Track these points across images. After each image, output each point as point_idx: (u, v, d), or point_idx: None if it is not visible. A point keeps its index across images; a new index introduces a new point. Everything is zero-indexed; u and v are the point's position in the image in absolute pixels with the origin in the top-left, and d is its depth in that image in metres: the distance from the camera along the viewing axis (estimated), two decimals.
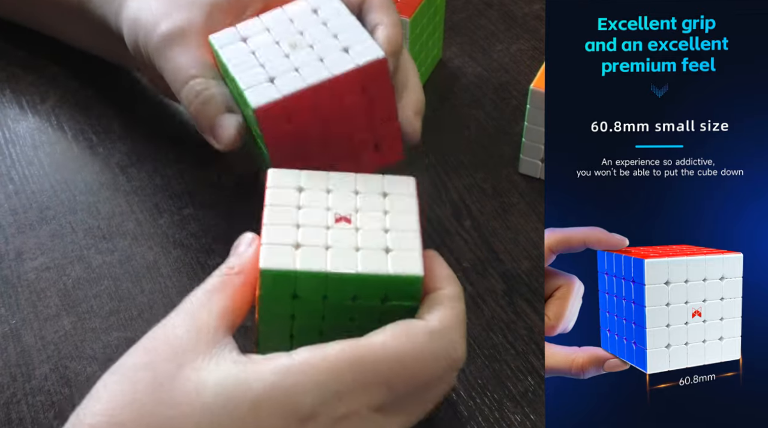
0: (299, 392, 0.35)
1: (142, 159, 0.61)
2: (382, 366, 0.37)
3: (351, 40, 0.46)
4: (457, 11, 0.75)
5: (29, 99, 0.65)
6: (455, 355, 0.39)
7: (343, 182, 0.43)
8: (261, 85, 0.45)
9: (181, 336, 0.37)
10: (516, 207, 0.59)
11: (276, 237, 0.40)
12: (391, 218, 0.42)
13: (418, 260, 0.40)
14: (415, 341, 0.37)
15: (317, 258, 0.39)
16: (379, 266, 0.39)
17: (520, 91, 0.67)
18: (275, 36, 0.47)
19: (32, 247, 0.55)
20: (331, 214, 0.41)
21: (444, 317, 0.39)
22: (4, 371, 0.49)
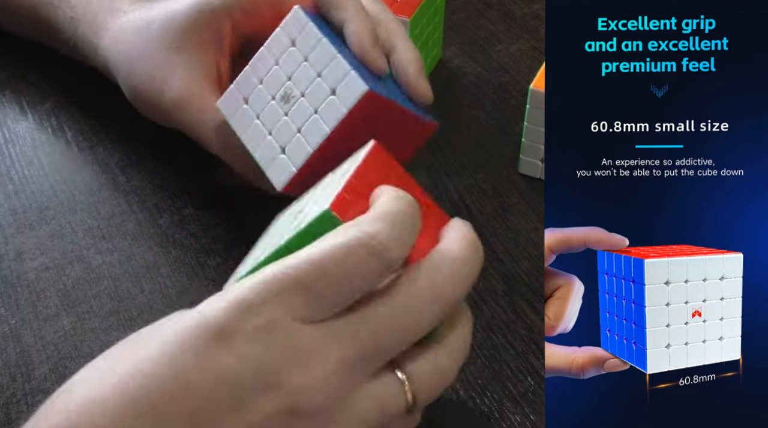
0: (212, 311, 0.35)
1: (141, 159, 0.61)
2: (290, 270, 0.35)
3: (333, 78, 0.47)
4: (457, 11, 0.75)
5: (29, 99, 0.65)
6: (375, 244, 0.35)
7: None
8: (276, 161, 0.48)
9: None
10: (516, 207, 0.59)
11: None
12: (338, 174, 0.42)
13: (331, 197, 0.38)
14: (327, 240, 0.35)
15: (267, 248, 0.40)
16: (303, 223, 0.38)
17: (520, 91, 0.67)
18: (269, 89, 0.49)
19: (32, 247, 0.55)
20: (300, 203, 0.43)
21: (362, 217, 0.36)
22: (3, 371, 0.49)
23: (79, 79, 0.66)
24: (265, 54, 0.49)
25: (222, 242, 0.56)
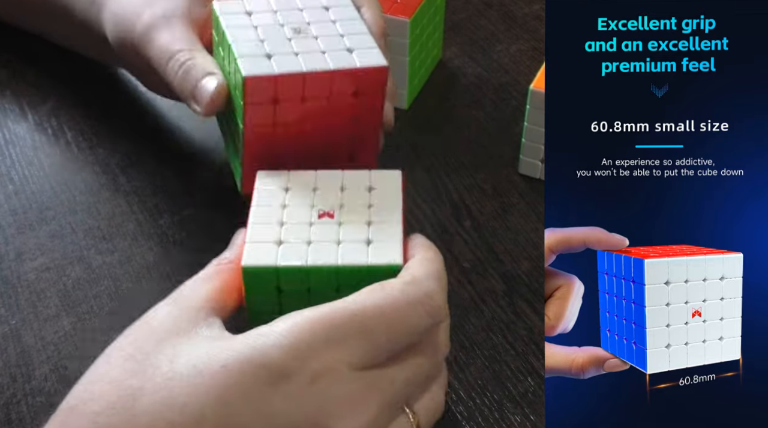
0: (269, 350, 0.34)
1: (142, 160, 0.61)
2: (355, 317, 0.36)
3: (357, 43, 0.46)
4: (457, 11, 0.75)
5: (29, 100, 0.65)
6: (432, 303, 0.38)
7: (330, 178, 0.43)
8: (256, 57, 0.44)
9: (162, 317, 0.37)
10: (516, 207, 0.59)
11: (258, 235, 0.40)
12: (374, 212, 0.42)
13: (398, 249, 0.40)
14: (387, 291, 0.37)
15: (298, 253, 0.39)
16: (359, 257, 0.39)
17: (520, 91, 0.67)
18: (281, 19, 0.47)
19: (32, 247, 0.55)
20: (315, 211, 0.42)
21: (416, 272, 0.38)
22: (4, 371, 0.49)
23: (79, 80, 0.66)
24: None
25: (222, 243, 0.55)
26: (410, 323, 0.37)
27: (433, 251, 0.40)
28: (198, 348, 0.35)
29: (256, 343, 0.35)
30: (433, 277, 0.39)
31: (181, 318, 0.37)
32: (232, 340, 0.35)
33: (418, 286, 0.38)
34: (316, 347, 0.35)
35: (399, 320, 0.37)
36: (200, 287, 0.39)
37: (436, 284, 0.38)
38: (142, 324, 0.38)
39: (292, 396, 0.34)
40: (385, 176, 0.44)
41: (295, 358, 0.34)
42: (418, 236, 0.42)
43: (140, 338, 0.37)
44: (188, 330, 0.37)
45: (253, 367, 0.34)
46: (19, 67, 0.68)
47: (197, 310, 0.38)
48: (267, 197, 0.43)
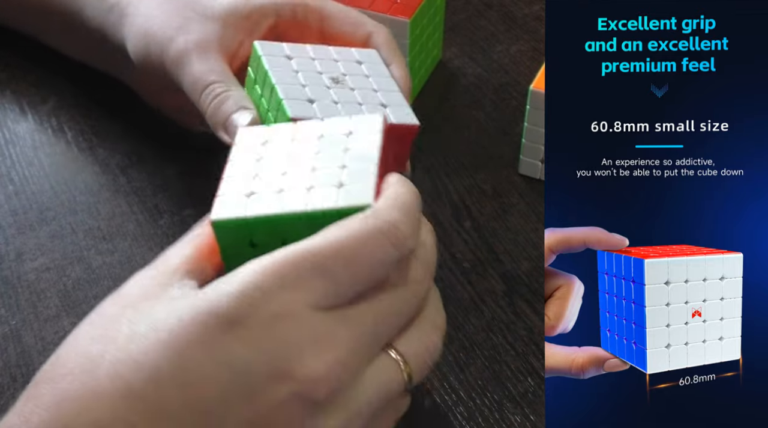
0: (221, 298, 0.34)
1: (142, 160, 0.61)
2: (312, 256, 0.34)
3: (390, 100, 0.47)
4: (457, 12, 0.75)
5: (29, 100, 0.65)
6: (396, 232, 0.36)
7: (310, 128, 0.42)
8: (300, 101, 0.46)
9: (133, 283, 0.37)
10: (516, 208, 0.59)
11: (230, 189, 0.39)
12: (348, 156, 0.40)
13: (370, 190, 0.38)
14: (345, 227, 0.35)
15: (269, 203, 0.38)
16: (330, 201, 0.38)
17: (520, 91, 0.67)
18: (320, 67, 0.49)
19: (32, 248, 0.55)
20: (289, 161, 0.40)
21: (378, 205, 0.37)
22: (4, 372, 0.49)
23: (79, 80, 0.66)
24: (326, 50, 0.50)
25: None
26: (372, 256, 0.35)
27: (404, 186, 0.38)
28: (160, 308, 0.35)
29: (210, 293, 0.34)
30: (398, 207, 0.36)
31: (153, 282, 0.36)
32: (193, 295, 0.35)
33: (380, 217, 0.36)
34: (270, 290, 0.34)
35: (359, 254, 0.35)
36: (179, 250, 0.38)
37: (400, 213, 0.36)
38: (114, 293, 0.37)
39: (250, 341, 0.33)
40: (365, 121, 0.42)
41: (248, 303, 0.33)
42: (394, 174, 0.40)
43: (107, 305, 0.36)
44: (157, 293, 0.36)
45: (206, 316, 0.33)
46: (19, 67, 0.68)
47: (171, 273, 0.37)
48: (242, 153, 0.41)
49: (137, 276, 0.38)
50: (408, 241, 0.36)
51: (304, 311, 0.34)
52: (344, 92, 0.47)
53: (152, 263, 0.39)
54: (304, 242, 0.35)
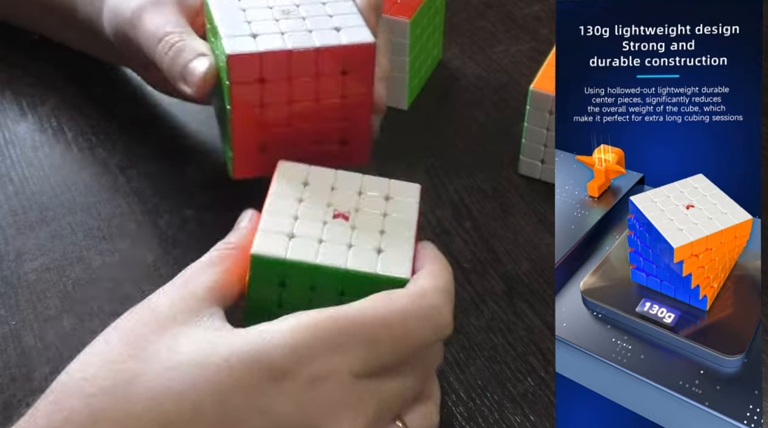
0: (271, 349, 0.34)
1: (142, 160, 0.61)
2: (361, 325, 0.35)
3: (344, 22, 0.46)
4: (457, 12, 0.75)
5: (29, 100, 0.65)
6: (440, 319, 0.38)
7: (349, 180, 0.43)
8: (241, 37, 0.44)
9: (164, 304, 0.37)
10: (516, 208, 0.59)
11: (272, 225, 0.40)
12: (388, 221, 0.42)
13: (408, 263, 0.40)
14: (396, 302, 0.37)
15: (308, 249, 0.39)
16: (368, 264, 0.39)
17: (520, 92, 0.67)
18: (270, 1, 0.47)
19: (32, 248, 0.55)
20: (330, 210, 0.42)
21: (425, 285, 0.38)
22: (3, 372, 0.49)
23: (79, 80, 0.66)
24: None
25: None
26: (415, 336, 0.37)
27: (443, 264, 0.40)
28: (199, 340, 0.35)
29: (259, 340, 0.35)
30: (442, 292, 0.38)
31: (184, 306, 0.37)
32: (235, 334, 0.35)
33: (427, 300, 0.37)
34: (318, 349, 0.35)
35: (404, 332, 0.36)
36: (204, 273, 0.39)
37: (444, 299, 0.38)
38: (143, 307, 0.37)
39: (291, 396, 0.34)
40: (404, 188, 0.44)
41: (297, 359, 0.34)
42: (429, 245, 0.41)
43: (141, 322, 0.36)
44: (190, 318, 0.36)
45: (254, 364, 0.34)
46: (19, 67, 0.68)
47: (200, 299, 0.37)
48: (284, 188, 0.42)
49: (167, 294, 0.38)
50: (448, 329, 0.38)
51: (345, 376, 0.35)
52: (293, 23, 0.46)
53: (180, 280, 0.39)
54: (354, 307, 0.36)
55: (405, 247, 0.41)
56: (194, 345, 0.35)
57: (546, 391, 0.48)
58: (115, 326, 0.37)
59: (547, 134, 0.58)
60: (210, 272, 0.39)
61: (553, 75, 0.53)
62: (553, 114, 0.56)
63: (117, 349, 0.35)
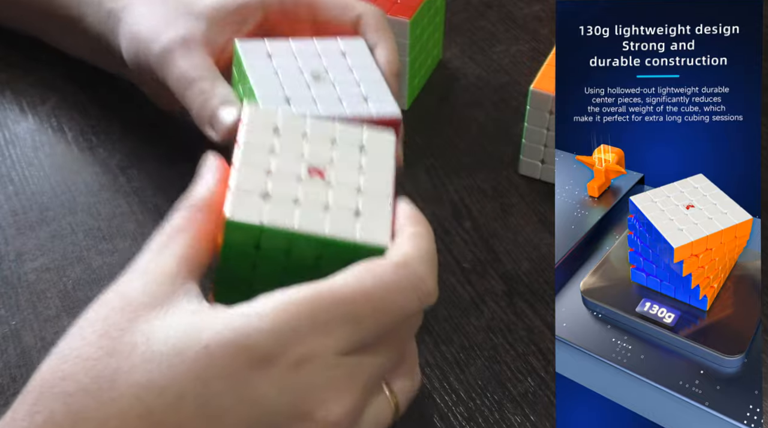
0: (253, 333, 0.33)
1: (142, 160, 0.61)
2: (345, 303, 0.35)
3: (372, 92, 0.47)
4: (457, 12, 0.75)
5: (29, 100, 0.65)
6: (423, 287, 0.36)
7: (322, 128, 0.42)
8: (276, 99, 0.46)
9: (136, 287, 0.36)
10: (516, 208, 0.59)
11: (245, 184, 0.39)
12: (365, 177, 0.40)
13: (387, 228, 0.38)
14: (378, 274, 0.36)
15: (285, 213, 0.38)
16: (347, 231, 0.38)
17: (520, 92, 0.67)
18: (301, 64, 0.48)
19: (32, 248, 0.55)
20: (304, 164, 0.40)
21: (407, 252, 0.37)
22: (4, 372, 0.49)
23: (79, 80, 0.66)
24: (309, 43, 0.50)
25: None
26: (399, 308, 0.36)
27: (423, 226, 0.39)
28: (176, 325, 0.34)
29: (238, 324, 0.34)
30: (425, 259, 0.37)
31: (156, 287, 0.36)
32: (213, 318, 0.34)
33: (410, 269, 0.36)
34: (300, 331, 0.34)
35: (388, 306, 0.36)
36: (174, 244, 0.37)
37: (428, 266, 0.37)
38: (114, 295, 0.36)
39: (275, 380, 0.34)
40: (377, 136, 0.42)
41: (279, 342, 0.33)
42: (407, 205, 0.40)
43: (114, 311, 0.35)
44: (164, 302, 0.35)
45: (235, 349, 0.33)
46: (19, 67, 0.68)
47: (173, 276, 0.36)
48: (255, 136, 0.40)
49: (137, 274, 0.37)
50: (432, 297, 0.37)
51: (329, 356, 0.35)
52: (324, 88, 0.47)
53: (149, 256, 0.37)
54: (336, 283, 0.35)
55: (383, 208, 0.39)
56: (171, 331, 0.34)
57: (546, 391, 0.48)
58: (86, 317, 0.36)
59: (547, 134, 0.58)
60: (179, 241, 0.37)
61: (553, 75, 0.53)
62: (553, 114, 0.56)
63: (92, 344, 0.34)
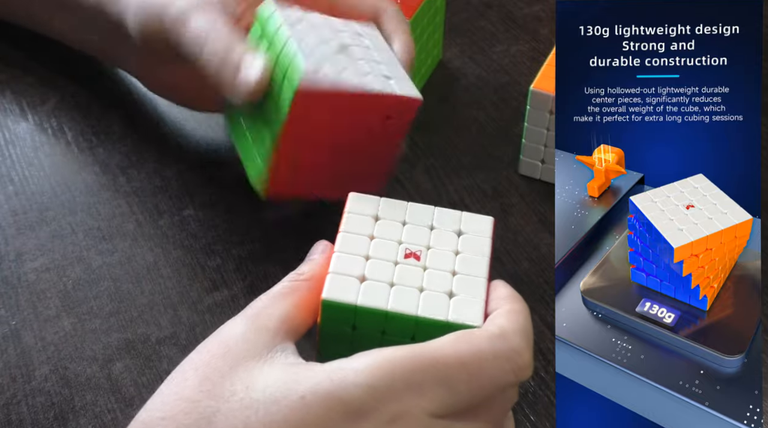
0: (349, 387, 0.34)
1: (142, 160, 0.61)
2: (440, 365, 0.35)
3: (393, 73, 0.47)
4: (458, 12, 0.75)
5: (29, 101, 0.65)
6: (519, 360, 0.37)
7: (421, 214, 0.43)
8: (314, 58, 0.44)
9: (237, 337, 0.37)
10: (516, 208, 0.59)
11: (343, 267, 0.40)
12: (460, 260, 0.41)
13: (480, 309, 0.39)
14: (474, 343, 0.36)
15: (379, 295, 0.39)
16: (440, 311, 0.38)
17: (520, 92, 0.67)
18: (329, 33, 0.48)
19: (32, 248, 0.55)
20: (401, 248, 0.41)
21: (503, 325, 0.37)
22: (4, 372, 0.49)
23: (79, 80, 0.66)
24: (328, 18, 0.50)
25: (222, 243, 0.56)
26: (493, 378, 0.36)
27: (520, 303, 0.39)
28: (275, 376, 0.35)
29: (335, 377, 0.34)
30: (522, 333, 0.37)
31: (257, 340, 0.37)
32: (310, 371, 0.35)
33: (505, 341, 0.37)
34: (395, 389, 0.34)
35: (482, 373, 0.36)
36: (275, 305, 0.38)
37: (524, 340, 0.37)
38: (217, 342, 0.37)
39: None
40: (476, 221, 0.43)
41: (374, 398, 0.34)
42: (502, 285, 0.41)
43: (215, 358, 0.36)
44: (263, 354, 0.36)
45: (331, 402, 0.34)
46: (19, 67, 0.68)
47: (273, 333, 0.37)
48: (355, 224, 0.42)
49: (238, 326, 0.38)
50: (527, 371, 0.37)
51: (422, 415, 0.35)
52: (349, 60, 0.46)
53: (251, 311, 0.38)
54: (432, 346, 0.36)
55: (477, 291, 0.40)
56: (270, 381, 0.35)
57: (546, 391, 0.48)
58: (190, 361, 0.37)
59: (547, 134, 0.58)
60: (281, 304, 0.38)
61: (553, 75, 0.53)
62: (553, 114, 0.56)
63: (194, 386, 0.35)
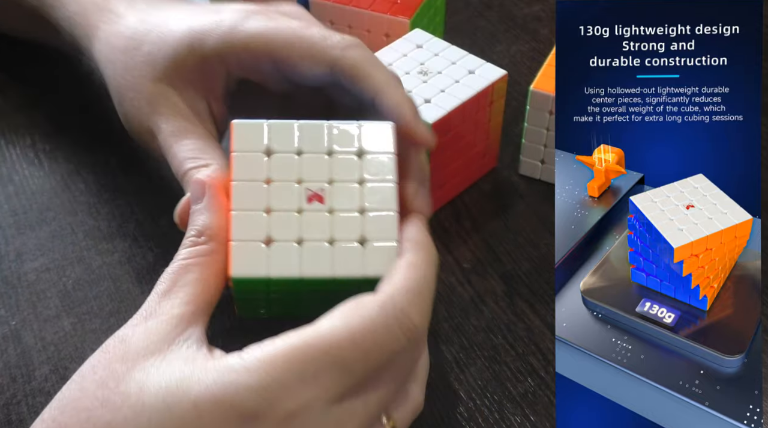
0: (240, 390, 0.33)
1: (142, 160, 0.61)
2: (333, 350, 0.34)
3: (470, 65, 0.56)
4: (457, 12, 0.75)
5: (29, 101, 0.65)
6: (409, 324, 0.36)
7: (314, 135, 0.40)
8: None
9: (138, 335, 0.36)
10: (516, 208, 0.59)
11: (244, 231, 0.38)
12: (367, 191, 0.39)
13: (393, 254, 0.38)
14: (366, 315, 0.35)
15: (289, 259, 0.38)
16: (354, 266, 0.38)
17: (520, 92, 0.67)
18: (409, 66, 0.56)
19: (32, 248, 0.55)
20: (302, 189, 0.39)
21: (395, 285, 0.37)
22: (4, 372, 0.49)
23: (80, 80, 0.66)
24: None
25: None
26: (387, 348, 0.36)
27: (421, 253, 0.38)
28: (170, 376, 0.34)
29: (227, 380, 0.34)
30: (413, 291, 0.37)
31: (158, 333, 0.36)
32: (204, 370, 0.34)
33: (394, 306, 0.36)
34: (290, 386, 0.34)
35: (375, 347, 0.35)
36: (179, 287, 0.38)
37: (413, 300, 0.36)
38: (118, 341, 0.36)
39: None
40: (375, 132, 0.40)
41: (268, 400, 0.33)
42: (413, 224, 0.39)
43: (114, 360, 0.35)
44: (162, 349, 0.35)
45: (224, 408, 0.33)
46: (18, 67, 0.68)
47: (177, 320, 0.36)
48: (247, 167, 0.39)
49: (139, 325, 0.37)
50: (419, 332, 0.37)
51: (320, 406, 0.34)
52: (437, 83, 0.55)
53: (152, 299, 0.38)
54: (324, 328, 0.35)
55: (389, 232, 0.39)
56: (164, 383, 0.34)
57: (546, 391, 0.48)
58: (90, 364, 0.36)
59: (547, 134, 0.58)
60: (184, 283, 0.38)
61: (553, 75, 0.53)
62: (553, 114, 0.56)
63: (90, 395, 0.35)
